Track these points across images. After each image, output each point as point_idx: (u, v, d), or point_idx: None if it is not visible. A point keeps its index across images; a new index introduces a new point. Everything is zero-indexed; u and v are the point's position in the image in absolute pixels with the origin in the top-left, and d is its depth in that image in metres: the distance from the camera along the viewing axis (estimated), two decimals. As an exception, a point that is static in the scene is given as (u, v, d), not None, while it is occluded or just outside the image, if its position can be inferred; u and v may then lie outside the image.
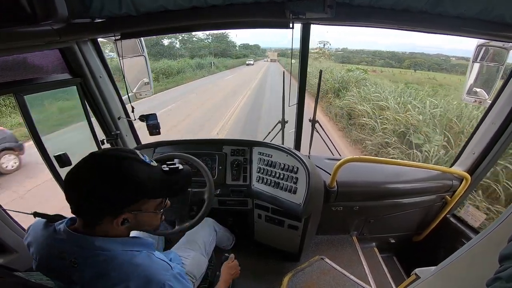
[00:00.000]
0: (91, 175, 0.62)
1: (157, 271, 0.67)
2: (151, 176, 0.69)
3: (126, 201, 0.66)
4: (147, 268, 0.66)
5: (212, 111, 9.42)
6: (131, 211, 0.67)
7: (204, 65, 25.58)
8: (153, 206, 0.73)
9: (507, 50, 1.34)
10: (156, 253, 0.74)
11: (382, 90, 7.97)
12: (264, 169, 1.48)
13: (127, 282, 0.62)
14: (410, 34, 26.09)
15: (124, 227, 0.68)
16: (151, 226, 0.78)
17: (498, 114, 1.37)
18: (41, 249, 0.67)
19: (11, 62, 1.12)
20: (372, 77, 11.98)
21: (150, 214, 0.73)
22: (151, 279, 0.65)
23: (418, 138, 5.03)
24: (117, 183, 0.63)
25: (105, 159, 0.66)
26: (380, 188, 1.65)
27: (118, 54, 1.39)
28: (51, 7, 0.88)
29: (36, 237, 0.68)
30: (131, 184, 0.65)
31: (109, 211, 0.65)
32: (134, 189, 0.65)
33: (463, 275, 0.65)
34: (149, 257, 0.69)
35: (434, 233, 1.87)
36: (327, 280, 1.63)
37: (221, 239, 1.54)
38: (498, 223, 0.57)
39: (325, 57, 24.31)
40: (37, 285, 0.64)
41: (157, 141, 1.63)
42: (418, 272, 1.08)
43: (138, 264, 0.66)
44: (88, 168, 0.64)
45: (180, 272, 0.74)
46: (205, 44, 38.15)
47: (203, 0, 0.97)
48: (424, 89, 8.86)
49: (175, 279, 0.70)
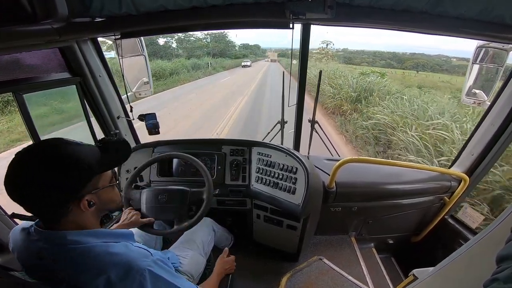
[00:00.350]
0: (34, 170, 0.60)
1: (136, 258, 0.67)
2: (88, 152, 0.68)
3: (80, 182, 0.65)
4: (125, 256, 0.66)
5: (208, 116, 8.20)
6: (91, 192, 0.68)
7: (201, 66, 24.13)
8: (107, 180, 0.73)
9: (507, 51, 1.34)
10: (135, 243, 0.75)
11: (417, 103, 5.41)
12: (263, 169, 1.48)
13: (106, 272, 0.63)
14: (402, 33, 24.56)
15: (92, 210, 0.68)
16: (114, 202, 0.78)
17: (497, 116, 1.37)
18: (21, 253, 0.68)
19: (11, 61, 1.11)
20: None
21: (108, 189, 0.74)
22: (131, 266, 0.65)
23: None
24: (60, 168, 0.62)
25: (40, 151, 0.64)
26: (379, 189, 1.66)
27: (118, 54, 1.39)
28: (51, 6, 0.88)
29: (16, 242, 0.69)
30: (75, 165, 0.64)
31: (68, 198, 0.64)
32: (80, 169, 0.65)
33: (461, 276, 0.66)
34: (126, 246, 0.69)
35: (432, 234, 1.87)
36: (325, 280, 1.63)
37: (220, 239, 1.54)
38: (496, 225, 0.57)
39: (328, 58, 23.66)
40: (34, 284, 0.64)
41: (156, 141, 1.63)
42: (416, 273, 1.07)
43: (115, 253, 0.66)
44: (27, 164, 0.61)
45: (160, 258, 0.74)
46: (203, 44, 35.95)
47: (203, 0, 0.97)
48: (447, 96, 7.08)
49: (156, 264, 0.70)
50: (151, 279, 0.67)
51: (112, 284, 0.63)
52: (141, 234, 1.21)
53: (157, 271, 0.69)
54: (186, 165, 1.60)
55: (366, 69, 13.09)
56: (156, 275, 0.69)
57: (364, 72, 11.14)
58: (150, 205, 1.17)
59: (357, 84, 8.25)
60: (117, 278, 0.63)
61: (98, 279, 0.62)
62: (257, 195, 1.48)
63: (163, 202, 1.16)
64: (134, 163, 1.53)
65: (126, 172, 1.55)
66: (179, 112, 9.03)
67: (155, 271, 0.68)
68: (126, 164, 1.55)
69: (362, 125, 5.91)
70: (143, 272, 0.66)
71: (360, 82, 8.44)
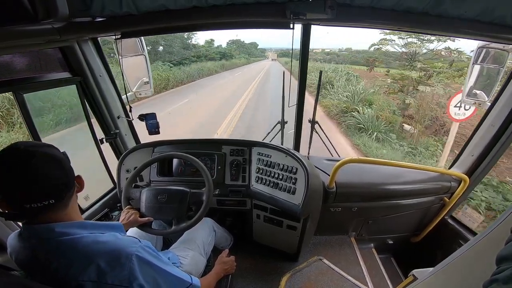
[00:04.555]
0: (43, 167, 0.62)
1: (124, 245, 0.68)
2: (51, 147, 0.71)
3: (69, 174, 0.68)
4: (113, 244, 0.67)
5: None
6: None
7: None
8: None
9: (508, 52, 1.34)
10: (124, 233, 0.76)
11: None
12: (263, 169, 1.48)
13: (96, 261, 0.63)
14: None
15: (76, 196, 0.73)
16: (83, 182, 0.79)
17: (497, 116, 1.37)
18: (18, 255, 0.68)
19: (11, 60, 1.11)
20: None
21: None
22: (120, 253, 0.66)
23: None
24: (56, 160, 0.65)
25: (14, 157, 0.62)
26: (378, 189, 1.66)
27: (118, 53, 1.39)
28: (52, 5, 0.88)
29: (12, 247, 0.69)
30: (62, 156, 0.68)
31: (65, 189, 0.66)
32: (64, 157, 0.69)
33: (461, 276, 0.65)
34: (114, 236, 0.70)
35: (432, 234, 1.87)
36: (325, 280, 1.63)
37: (219, 240, 1.54)
38: (495, 225, 0.57)
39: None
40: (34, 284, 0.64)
41: (156, 141, 1.63)
42: (415, 273, 1.08)
43: (103, 241, 0.67)
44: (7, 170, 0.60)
45: (148, 245, 0.75)
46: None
47: (203, 0, 0.97)
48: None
49: (144, 250, 0.71)
50: (139, 264, 0.68)
51: (103, 273, 0.64)
52: (141, 234, 1.22)
53: (145, 256, 0.70)
54: (186, 165, 1.60)
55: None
56: (144, 260, 0.69)
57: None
58: (150, 205, 1.17)
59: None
60: (107, 266, 0.64)
61: (88, 269, 0.63)
62: (257, 195, 1.48)
63: (162, 202, 1.16)
64: (134, 163, 1.53)
65: (126, 172, 1.55)
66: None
67: (143, 256, 0.69)
68: (126, 164, 1.55)
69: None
70: (131, 257, 0.66)
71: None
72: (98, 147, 1.60)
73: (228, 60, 28.75)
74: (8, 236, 0.72)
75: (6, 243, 0.72)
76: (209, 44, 27.79)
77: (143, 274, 0.68)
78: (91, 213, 1.54)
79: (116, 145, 1.73)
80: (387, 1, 0.93)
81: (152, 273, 0.71)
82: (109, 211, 1.65)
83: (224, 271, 1.23)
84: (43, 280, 0.65)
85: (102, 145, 1.61)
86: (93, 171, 1.69)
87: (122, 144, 1.75)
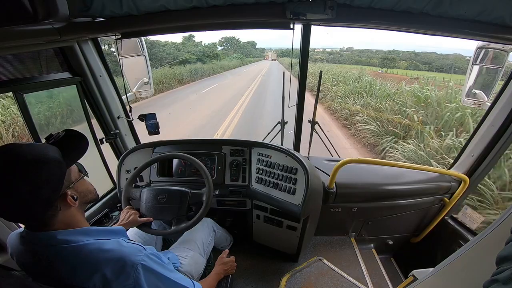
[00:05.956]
0: (14, 178, 0.57)
1: (129, 254, 0.68)
2: (49, 149, 0.66)
3: (60, 178, 0.64)
4: (118, 252, 0.67)
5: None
6: (69, 187, 0.68)
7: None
8: (76, 173, 0.74)
9: (507, 52, 1.34)
10: (128, 239, 0.75)
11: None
12: (263, 169, 1.47)
13: (101, 269, 0.63)
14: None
15: (77, 204, 0.69)
16: (91, 192, 0.79)
17: (497, 117, 1.37)
18: (19, 256, 0.68)
19: (11, 60, 1.11)
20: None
21: (82, 181, 0.75)
22: (125, 261, 0.65)
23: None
24: (34, 173, 0.59)
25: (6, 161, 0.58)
26: (378, 189, 1.66)
27: (118, 54, 1.39)
28: (52, 6, 0.88)
29: (13, 247, 0.69)
30: (52, 162, 0.62)
31: (55, 195, 0.63)
32: (55, 165, 0.63)
33: (461, 277, 0.65)
34: (118, 243, 0.70)
35: (432, 234, 1.87)
36: (325, 281, 1.63)
37: (219, 240, 1.54)
38: (495, 225, 0.57)
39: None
40: (34, 284, 0.64)
41: (156, 141, 1.63)
42: (415, 274, 1.08)
43: (108, 249, 0.66)
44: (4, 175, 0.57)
45: (154, 253, 0.75)
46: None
47: (203, 0, 0.97)
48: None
49: (149, 258, 0.71)
50: (145, 273, 0.68)
51: (109, 281, 0.64)
52: (141, 234, 1.22)
53: (150, 264, 0.70)
54: (186, 165, 1.60)
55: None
56: (149, 269, 0.69)
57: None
58: (149, 205, 1.17)
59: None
60: (112, 275, 0.64)
61: (93, 277, 0.63)
62: (257, 196, 1.48)
63: (162, 202, 1.16)
64: (134, 163, 1.53)
65: (126, 172, 1.55)
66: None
67: (148, 265, 0.69)
68: (126, 164, 1.55)
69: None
70: (137, 266, 0.66)
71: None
72: (98, 147, 1.60)
73: (208, 62, 20.55)
74: (8, 236, 0.72)
75: (6, 243, 0.72)
76: (187, 41, 20.95)
77: (148, 282, 0.69)
78: (91, 213, 1.54)
79: (116, 145, 1.73)
80: (387, 2, 0.93)
81: (157, 282, 0.72)
82: (109, 211, 1.64)
83: (224, 272, 1.23)
84: (47, 282, 0.65)
85: (102, 145, 1.61)
86: (93, 171, 1.68)
87: (122, 144, 1.75)
